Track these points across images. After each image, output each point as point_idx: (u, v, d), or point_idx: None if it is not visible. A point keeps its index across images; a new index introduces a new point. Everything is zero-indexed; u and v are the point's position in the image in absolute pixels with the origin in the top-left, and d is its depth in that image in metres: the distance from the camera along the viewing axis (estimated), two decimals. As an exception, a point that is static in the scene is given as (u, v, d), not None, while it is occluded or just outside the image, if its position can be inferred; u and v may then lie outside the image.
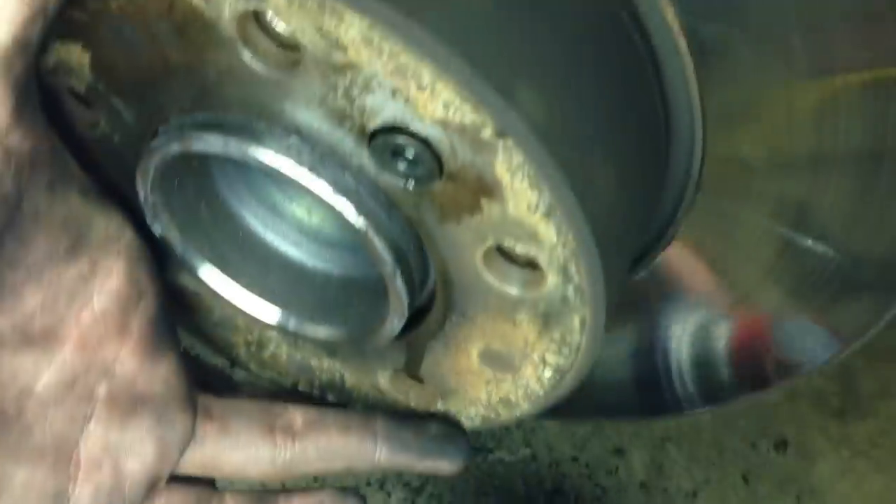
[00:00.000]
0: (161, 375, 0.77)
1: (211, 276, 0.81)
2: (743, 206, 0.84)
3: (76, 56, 0.69)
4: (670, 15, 0.71)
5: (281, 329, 0.83)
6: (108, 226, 0.74)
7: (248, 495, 0.82)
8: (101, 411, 0.75)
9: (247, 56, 0.63)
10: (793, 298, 0.90)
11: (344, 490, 0.84)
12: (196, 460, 0.80)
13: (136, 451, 0.76)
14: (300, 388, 0.92)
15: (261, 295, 0.83)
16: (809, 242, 0.84)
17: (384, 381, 0.87)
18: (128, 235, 0.76)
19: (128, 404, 0.75)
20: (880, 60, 0.71)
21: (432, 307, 0.77)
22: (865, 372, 1.66)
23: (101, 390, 0.74)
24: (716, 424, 1.69)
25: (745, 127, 0.77)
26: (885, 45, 0.70)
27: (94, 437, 0.74)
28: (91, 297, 0.73)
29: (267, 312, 0.83)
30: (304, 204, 0.86)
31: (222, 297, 0.83)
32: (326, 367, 0.89)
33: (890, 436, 1.63)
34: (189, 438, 0.79)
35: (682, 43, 0.72)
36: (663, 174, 0.81)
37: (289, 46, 0.63)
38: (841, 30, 0.69)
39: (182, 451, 0.79)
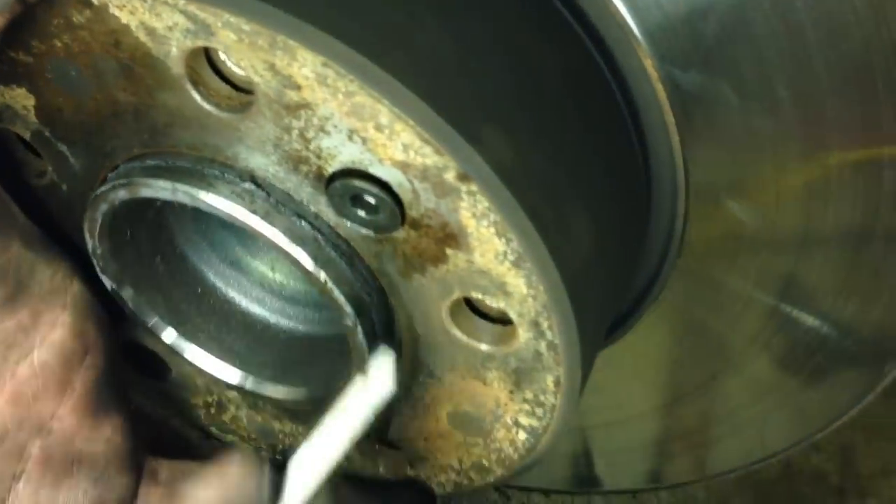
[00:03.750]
0: (103, 435, 0.72)
1: (165, 332, 0.77)
2: (728, 274, 0.80)
3: (21, 100, 0.66)
4: (649, 64, 0.68)
5: (239, 389, 0.78)
6: (53, 276, 0.70)
7: None
8: (33, 470, 0.69)
9: (197, 97, 0.59)
10: (780, 368, 0.86)
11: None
12: None
13: None
14: (262, 454, 0.87)
15: (219, 353, 0.78)
16: (795, 313, 0.81)
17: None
18: (75, 287, 0.72)
19: (63, 464, 0.70)
20: (873, 139, 0.68)
21: (399, 367, 0.72)
22: (865, 450, 1.62)
23: (34, 448, 0.69)
24: (710, 502, 1.63)
25: (733, 199, 0.74)
26: (877, 124, 0.66)
27: (24, 497, 0.69)
28: (31, 349, 0.69)
29: (225, 371, 0.78)
30: (266, 259, 0.82)
31: (179, 355, 0.78)
32: (289, 431, 0.84)
33: (891, 515, 1.58)
34: (129, 502, 0.74)
35: (662, 92, 0.69)
36: (644, 229, 0.78)
37: (241, 88, 0.60)
38: (832, 107, 0.66)
39: None
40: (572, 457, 1.02)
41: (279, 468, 0.83)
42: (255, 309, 0.81)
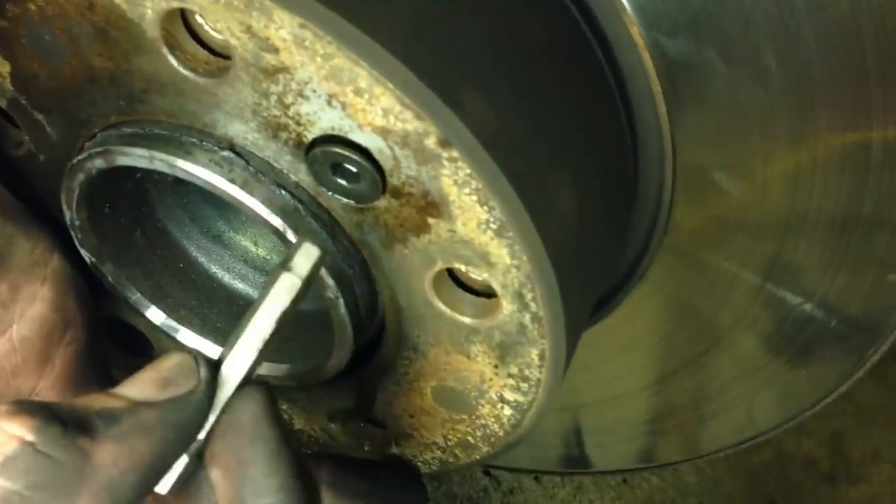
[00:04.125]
0: None
1: (145, 307, 0.76)
2: (714, 252, 0.79)
3: None
4: (636, 31, 0.67)
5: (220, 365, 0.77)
6: (32, 250, 0.69)
7: None
8: None
9: (173, 61, 0.58)
10: (766, 346, 0.86)
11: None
12: None
13: None
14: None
15: (201, 329, 0.77)
16: (781, 292, 0.80)
17: (335, 423, 0.81)
18: (55, 261, 0.71)
19: None
20: (860, 109, 0.67)
21: (382, 343, 0.72)
22: (856, 436, 1.61)
23: None
24: (702, 487, 1.62)
25: (720, 171, 0.73)
26: (865, 93, 0.65)
27: None
28: (10, 323, 0.67)
29: (207, 348, 0.77)
30: (249, 234, 0.81)
31: (160, 331, 0.77)
32: (273, 409, 0.83)
33: (882, 502, 1.57)
34: None
35: (648, 60, 0.68)
36: (631, 201, 0.77)
37: (218, 53, 0.59)
38: (820, 75, 0.64)
39: None
40: (562, 436, 1.01)
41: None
42: (238, 284, 0.80)
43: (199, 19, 0.58)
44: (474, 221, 0.58)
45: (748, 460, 1.63)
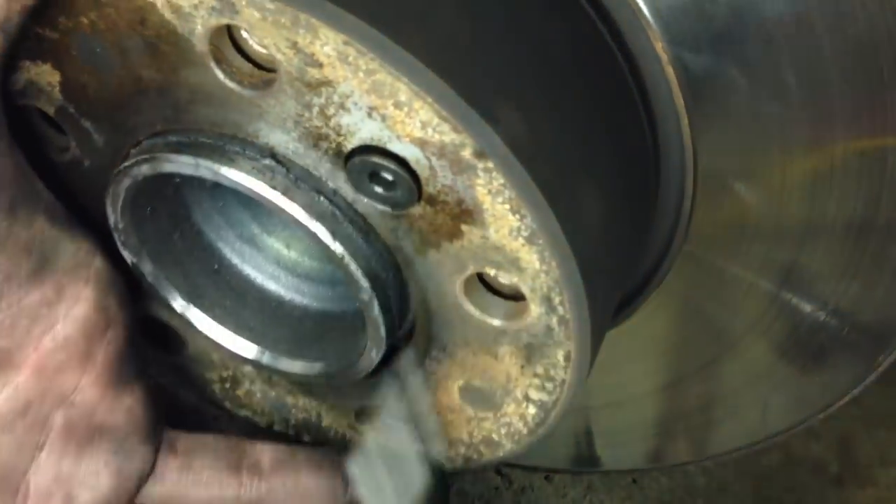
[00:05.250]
0: (124, 406, 0.74)
1: (182, 306, 0.78)
2: (731, 260, 0.82)
3: (46, 76, 0.67)
4: (659, 46, 0.69)
5: (255, 364, 0.80)
6: (76, 251, 0.72)
7: None
8: (56, 440, 0.71)
9: (220, 74, 0.61)
10: (778, 352, 0.88)
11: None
12: (156, 495, 0.77)
13: (91, 483, 0.73)
14: (276, 428, 0.89)
15: (235, 328, 0.80)
16: (796, 300, 0.83)
17: (362, 421, 0.84)
18: (97, 263, 0.73)
19: (85, 434, 0.72)
20: (878, 125, 0.69)
21: (411, 343, 0.74)
22: (864, 439, 1.63)
23: (57, 419, 0.71)
24: (710, 488, 1.64)
25: (740, 182, 0.75)
26: (882, 109, 0.68)
27: (46, 467, 0.71)
28: (55, 322, 0.70)
29: (241, 346, 0.80)
30: (282, 237, 0.84)
31: (196, 330, 0.80)
32: (302, 406, 0.86)
33: (890, 505, 1.59)
34: (149, 471, 0.76)
35: (672, 74, 0.70)
36: (652, 211, 0.79)
37: (262, 66, 0.62)
38: (839, 92, 0.67)
39: (140, 484, 0.75)
40: (574, 436, 1.03)
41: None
42: (271, 286, 0.83)
43: (245, 34, 0.61)
44: (506, 228, 0.61)
45: (756, 462, 1.65)
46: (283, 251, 0.83)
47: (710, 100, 0.69)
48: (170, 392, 0.88)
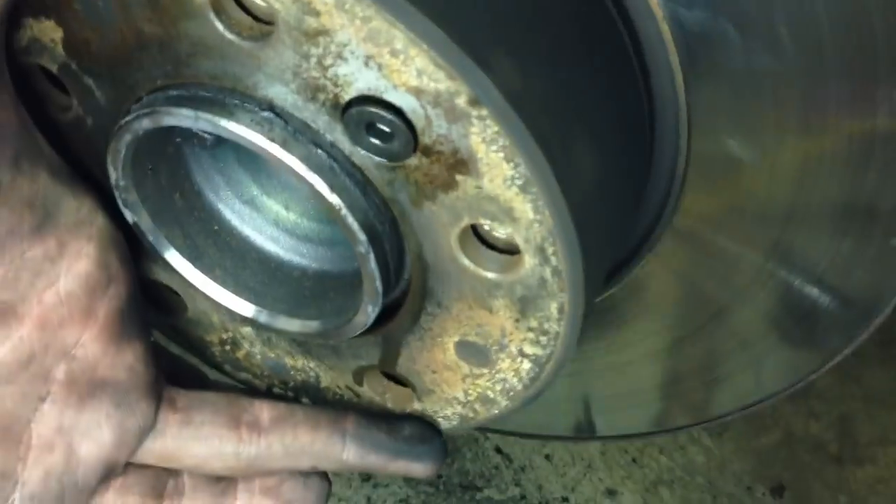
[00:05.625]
0: (125, 362, 0.75)
1: (183, 266, 0.80)
2: (719, 233, 0.83)
3: (49, 33, 0.68)
4: (654, 2, 0.71)
5: (253, 323, 0.81)
6: (79, 208, 0.73)
7: (207, 478, 0.79)
8: (58, 393, 0.72)
9: (220, 25, 0.62)
10: (765, 319, 0.89)
11: (306, 474, 0.81)
12: (156, 450, 0.78)
13: (93, 435, 0.74)
14: (275, 390, 0.90)
15: (235, 288, 0.81)
16: (783, 271, 0.84)
17: (360, 381, 0.85)
18: (100, 220, 0.75)
19: (87, 388, 0.73)
20: (869, 113, 0.70)
21: (407, 300, 0.75)
22: (864, 418, 1.64)
23: (59, 372, 0.72)
24: (710, 467, 1.65)
25: (733, 139, 0.76)
26: (875, 98, 0.69)
27: (48, 419, 0.72)
28: (57, 277, 0.71)
29: (241, 305, 0.81)
30: (281, 198, 0.85)
31: (195, 290, 0.81)
32: (301, 367, 0.87)
33: (889, 483, 1.60)
34: (149, 427, 0.77)
35: (667, 31, 0.71)
36: (647, 167, 0.80)
37: (262, 18, 0.63)
38: (831, 47, 0.68)
39: (141, 439, 0.77)
40: (571, 402, 1.05)
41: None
42: (270, 247, 0.84)
43: None
44: (500, 178, 0.62)
45: (756, 441, 1.66)
46: (283, 212, 0.84)
47: (704, 56, 0.70)
48: (170, 354, 0.89)
